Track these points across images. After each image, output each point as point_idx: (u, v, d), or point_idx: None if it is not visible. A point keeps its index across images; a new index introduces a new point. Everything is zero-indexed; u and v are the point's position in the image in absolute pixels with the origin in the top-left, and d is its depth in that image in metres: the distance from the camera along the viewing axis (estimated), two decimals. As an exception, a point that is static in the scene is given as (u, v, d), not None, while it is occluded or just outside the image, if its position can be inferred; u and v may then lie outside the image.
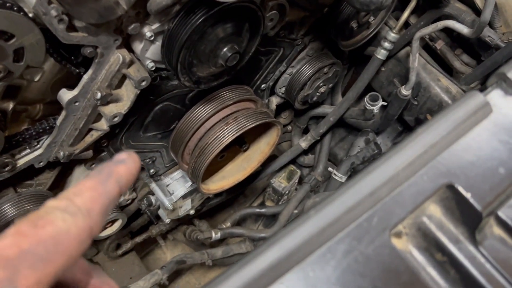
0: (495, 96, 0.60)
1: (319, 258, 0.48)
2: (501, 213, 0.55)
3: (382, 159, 0.53)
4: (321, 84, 1.57)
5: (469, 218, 0.54)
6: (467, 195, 0.54)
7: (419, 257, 0.54)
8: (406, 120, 1.76)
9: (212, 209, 1.99)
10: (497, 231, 0.56)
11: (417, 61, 1.48)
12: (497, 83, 0.60)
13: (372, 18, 1.50)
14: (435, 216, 0.55)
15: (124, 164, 0.46)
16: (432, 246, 0.55)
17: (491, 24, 1.47)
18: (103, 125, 1.16)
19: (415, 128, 0.56)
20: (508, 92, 0.60)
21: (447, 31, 1.62)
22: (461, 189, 0.54)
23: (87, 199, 0.42)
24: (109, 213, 0.46)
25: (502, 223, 0.56)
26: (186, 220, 1.85)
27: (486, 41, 1.41)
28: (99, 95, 1.07)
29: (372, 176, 0.51)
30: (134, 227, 1.67)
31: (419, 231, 0.55)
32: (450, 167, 0.54)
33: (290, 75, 1.54)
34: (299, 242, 0.47)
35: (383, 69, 1.73)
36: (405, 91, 1.56)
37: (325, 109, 1.79)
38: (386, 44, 1.48)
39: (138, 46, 1.07)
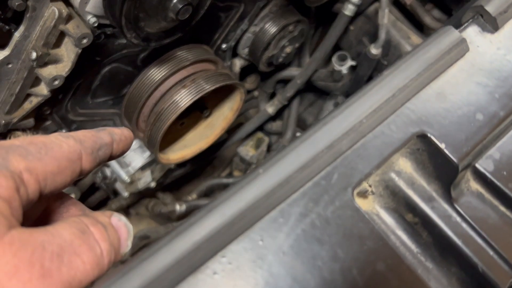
0: (472, 32, 0.52)
1: (269, 223, 0.40)
2: (479, 165, 0.48)
3: (342, 107, 0.45)
4: (286, 44, 1.48)
5: (443, 172, 0.47)
6: (441, 145, 0.46)
7: (387, 219, 0.47)
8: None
9: (178, 180, 1.91)
10: (475, 185, 0.49)
11: (387, 17, 1.40)
12: (473, 18, 0.53)
13: (338, -30, 1.40)
14: (405, 172, 0.47)
15: (118, 128, 0.52)
16: (402, 206, 0.48)
17: (462, -25, 1.40)
18: (43, 90, 1.05)
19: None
20: (486, 28, 0.52)
21: (418, -16, 1.54)
22: (434, 139, 0.46)
23: (79, 133, 0.47)
24: (101, 159, 0.48)
25: (480, 176, 0.49)
26: (149, 193, 1.75)
27: (458, -6, 1.34)
28: (34, 55, 0.95)
29: (330, 126, 0.43)
30: (92, 202, 1.57)
31: (387, 190, 0.48)
32: (421, 115, 0.47)
33: (253, 34, 1.44)
34: (244, 207, 0.39)
35: (351, 27, 1.65)
36: (375, 50, 1.49)
37: (292, 71, 1.70)
38: (354, -1, 1.39)
39: (76, -2, 0.95)
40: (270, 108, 1.73)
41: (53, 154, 0.42)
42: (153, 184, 1.54)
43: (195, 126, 1.46)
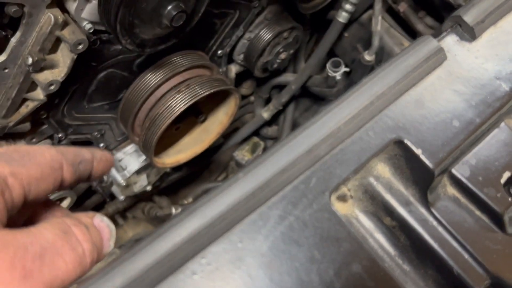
0: (450, 41, 0.53)
1: (248, 226, 0.41)
2: (455, 171, 0.50)
3: (321, 113, 0.46)
4: (281, 50, 1.49)
5: (420, 178, 0.49)
6: (418, 151, 0.48)
7: (366, 223, 0.49)
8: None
9: (175, 184, 1.92)
10: (451, 190, 0.50)
11: (380, 24, 1.42)
12: (452, 27, 0.54)
13: (332, -22, 1.42)
14: (383, 177, 0.49)
15: (100, 150, 0.55)
16: (380, 209, 0.49)
17: (454, -17, 1.41)
18: (39, 95, 1.06)
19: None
20: (464, 37, 0.53)
21: (411, -8, 1.56)
22: (411, 145, 0.48)
23: (61, 147, 0.49)
24: (81, 173, 0.50)
25: (456, 182, 0.50)
26: (145, 196, 1.77)
27: (449, 2, 1.36)
28: (30, 60, 0.97)
29: (309, 131, 0.44)
30: (88, 205, 1.58)
31: (366, 194, 0.49)
32: (399, 121, 0.48)
33: (248, 40, 1.46)
34: (225, 209, 0.41)
35: (346, 34, 1.67)
36: (368, 56, 1.51)
37: (287, 77, 1.72)
38: (347, 6, 1.41)
39: (72, 5, 0.97)
40: (266, 113, 1.75)
41: (36, 161, 0.43)
42: (149, 188, 1.55)
43: (190, 131, 1.47)
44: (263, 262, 0.41)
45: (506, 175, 0.50)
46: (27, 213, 0.50)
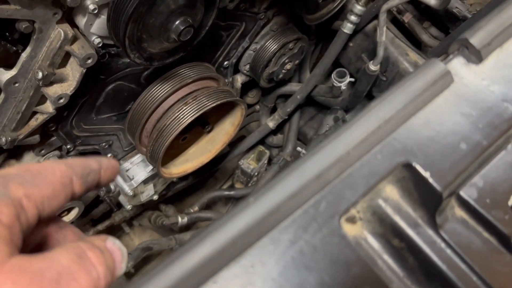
0: (457, 64, 0.54)
1: (259, 250, 0.42)
2: (463, 193, 0.50)
3: (330, 138, 0.47)
4: (286, 61, 1.51)
5: (428, 200, 0.49)
6: (426, 174, 0.48)
7: (375, 244, 0.49)
8: (375, 97, 1.71)
9: (181, 192, 1.93)
10: (459, 212, 0.51)
11: (385, 35, 1.42)
12: (458, 50, 0.55)
13: (337, -10, 1.43)
14: (391, 199, 0.50)
15: (106, 158, 0.55)
16: (389, 231, 0.50)
17: (459, -5, 1.42)
18: (48, 108, 1.08)
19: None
20: (471, 59, 0.54)
21: (415, 3, 1.56)
22: (419, 168, 0.49)
23: (70, 160, 0.50)
24: (90, 184, 0.51)
25: (464, 204, 0.51)
26: (152, 205, 1.78)
27: (454, 13, 1.37)
28: (40, 74, 0.98)
29: (318, 156, 0.45)
30: (96, 214, 1.60)
31: (375, 215, 0.50)
32: (406, 144, 0.49)
33: (254, 51, 1.47)
34: (236, 234, 0.42)
35: (351, 44, 1.68)
36: (373, 66, 1.52)
37: (292, 87, 1.73)
38: (352, 18, 1.42)
39: (81, 20, 0.98)
40: (271, 123, 1.75)
41: (47, 180, 0.44)
42: (155, 197, 1.56)
43: (197, 141, 1.48)
44: (273, 286, 0.42)
45: (514, 197, 0.50)
46: (39, 233, 0.51)
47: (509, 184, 0.51)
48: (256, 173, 1.89)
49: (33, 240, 0.50)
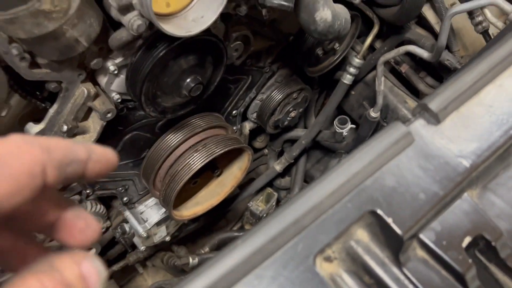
0: (417, 125, 0.63)
1: (245, 285, 0.51)
2: (422, 236, 0.58)
3: (305, 190, 0.56)
4: (291, 109, 1.61)
5: (392, 242, 0.57)
6: (389, 220, 0.57)
7: (348, 280, 0.57)
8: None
9: (193, 234, 2.00)
10: (420, 253, 0.59)
11: (383, 84, 1.53)
12: (419, 113, 0.64)
13: (337, 45, 1.55)
14: (362, 241, 0.58)
15: (103, 148, 0.45)
16: (360, 269, 0.58)
17: (449, 48, 1.53)
18: (71, 157, 1.19)
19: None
20: (430, 121, 0.63)
21: (411, 55, 1.67)
22: (383, 215, 0.57)
23: (51, 141, 0.39)
24: (69, 177, 0.41)
25: (424, 245, 0.58)
26: (165, 246, 1.86)
27: (446, 65, 1.47)
28: (65, 128, 1.10)
29: (295, 206, 0.54)
30: (111, 255, 1.68)
31: (348, 255, 0.58)
32: (373, 195, 0.58)
33: (260, 101, 1.59)
34: (226, 271, 0.50)
35: (352, 92, 1.78)
36: (374, 113, 1.61)
37: (298, 132, 1.83)
38: (351, 69, 1.53)
39: (103, 80, 1.11)
40: (278, 166, 1.84)
41: (11, 171, 0.35)
42: (168, 238, 1.64)
43: (207, 185, 1.58)
44: (258, 317, 0.49)
45: (467, 239, 0.58)
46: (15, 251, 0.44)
47: (463, 228, 0.59)
48: (264, 215, 1.96)
49: (12, 260, 0.44)
